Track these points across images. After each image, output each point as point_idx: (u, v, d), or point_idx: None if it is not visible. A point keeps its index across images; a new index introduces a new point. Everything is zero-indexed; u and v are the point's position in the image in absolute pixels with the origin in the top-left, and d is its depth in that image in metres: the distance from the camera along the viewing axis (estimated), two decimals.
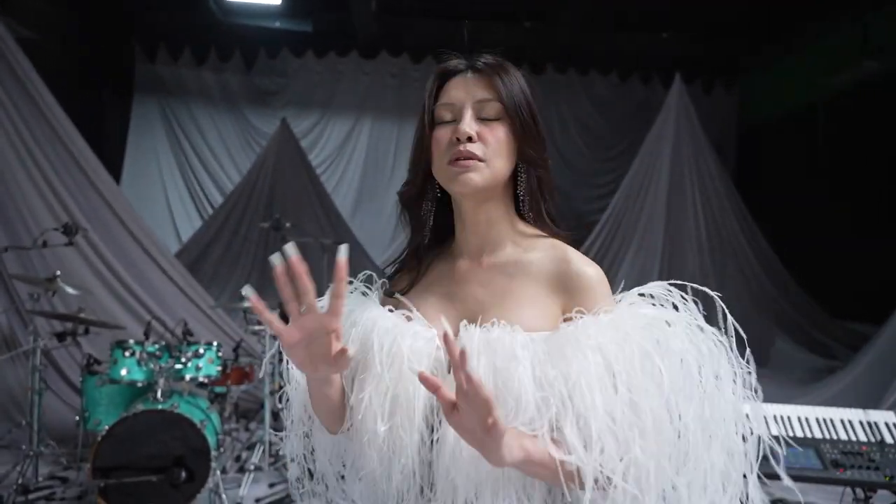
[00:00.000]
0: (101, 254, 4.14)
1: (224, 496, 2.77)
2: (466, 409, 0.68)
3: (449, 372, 0.82)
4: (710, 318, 0.84)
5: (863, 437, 1.89)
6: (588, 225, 7.50)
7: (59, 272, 3.15)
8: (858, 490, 1.91)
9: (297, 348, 0.74)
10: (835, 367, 5.45)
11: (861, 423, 1.93)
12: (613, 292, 0.87)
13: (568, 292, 0.85)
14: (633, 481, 0.73)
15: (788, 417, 1.96)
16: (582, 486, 0.74)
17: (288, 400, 0.97)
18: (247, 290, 0.72)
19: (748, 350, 0.81)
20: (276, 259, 0.69)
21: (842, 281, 6.80)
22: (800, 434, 1.91)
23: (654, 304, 0.83)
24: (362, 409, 0.82)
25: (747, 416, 0.81)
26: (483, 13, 7.90)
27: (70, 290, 3.15)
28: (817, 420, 1.94)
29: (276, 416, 3.42)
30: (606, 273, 0.86)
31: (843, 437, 1.90)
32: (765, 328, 6.61)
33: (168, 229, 8.36)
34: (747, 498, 0.80)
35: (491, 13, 7.87)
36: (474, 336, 0.82)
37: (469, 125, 0.84)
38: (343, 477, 0.95)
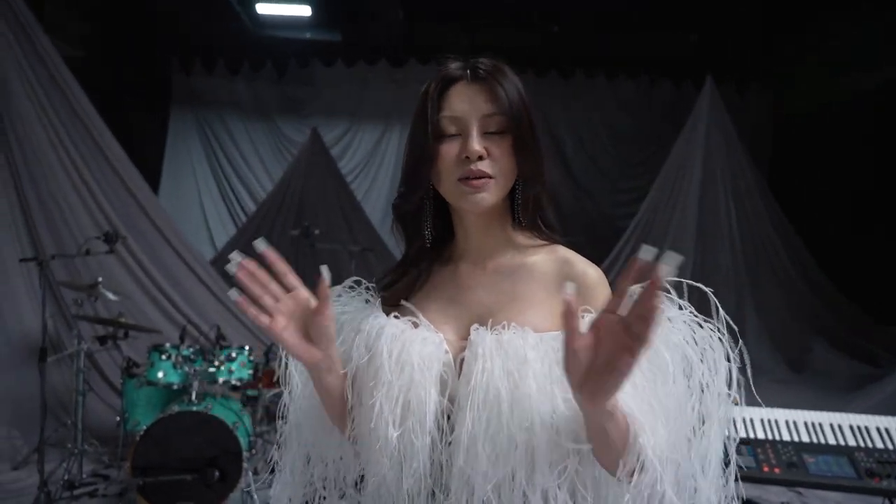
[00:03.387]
0: (140, 261, 4.30)
1: (255, 496, 2.84)
2: (609, 335, 0.64)
3: (459, 377, 0.84)
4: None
5: None
6: (618, 230, 7.42)
7: (100, 279, 3.30)
8: None
9: (289, 331, 0.82)
10: (880, 375, 5.25)
11: None
12: None
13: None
14: (646, 471, 0.74)
15: (820, 424, 1.91)
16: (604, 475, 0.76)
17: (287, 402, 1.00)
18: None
19: (741, 342, 0.82)
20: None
21: (887, 285, 6.54)
22: (832, 442, 1.86)
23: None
24: (374, 416, 0.83)
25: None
26: (510, 19, 7.91)
27: (111, 295, 3.29)
28: (851, 428, 1.89)
29: None
30: None
31: (879, 445, 1.84)
32: (801, 333, 6.41)
33: (203, 237, 8.60)
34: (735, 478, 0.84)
35: (518, 19, 7.88)
36: (486, 339, 0.82)
37: (478, 142, 0.84)
38: (356, 484, 0.96)
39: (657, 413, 0.76)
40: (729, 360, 0.81)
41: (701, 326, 0.82)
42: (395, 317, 0.90)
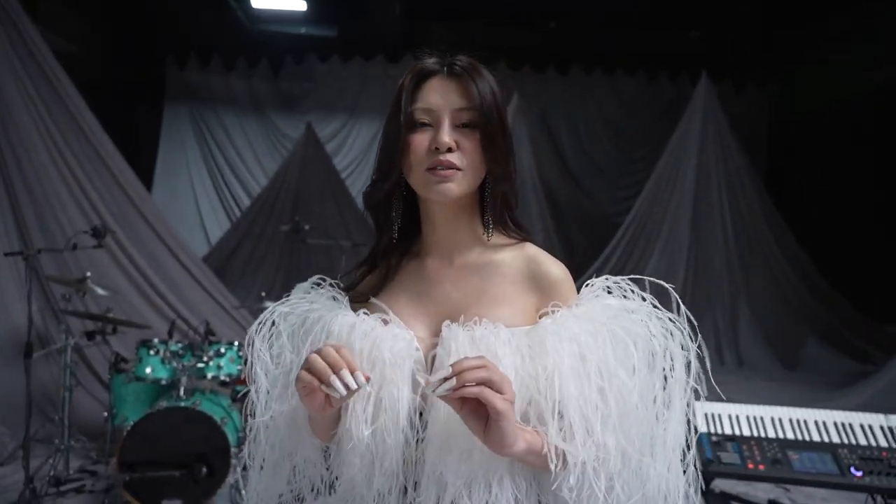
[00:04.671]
0: (130, 255, 4.28)
1: (244, 492, 2.83)
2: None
3: (429, 372, 0.84)
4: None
5: (883, 443, 1.83)
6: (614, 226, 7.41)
7: (89, 273, 3.27)
8: (879, 497, 1.85)
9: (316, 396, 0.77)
10: (871, 372, 5.27)
11: (882, 428, 1.87)
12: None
13: (540, 290, 0.88)
14: (602, 463, 0.77)
15: (805, 422, 1.91)
16: (564, 470, 0.77)
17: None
18: None
19: (699, 337, 0.84)
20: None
21: (881, 283, 6.56)
22: (816, 438, 1.86)
23: (615, 295, 0.86)
24: (347, 416, 0.82)
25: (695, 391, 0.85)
26: (507, 15, 7.88)
27: (100, 290, 3.27)
28: (835, 424, 1.89)
29: None
30: (630, 274, 0.90)
31: (863, 442, 1.84)
32: (795, 330, 6.43)
33: (198, 232, 8.58)
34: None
35: (515, 15, 7.86)
36: (458, 335, 0.83)
37: (448, 134, 0.85)
38: (331, 485, 0.94)
39: (614, 409, 0.77)
40: (684, 350, 0.83)
41: (660, 318, 0.83)
42: (365, 313, 0.89)
